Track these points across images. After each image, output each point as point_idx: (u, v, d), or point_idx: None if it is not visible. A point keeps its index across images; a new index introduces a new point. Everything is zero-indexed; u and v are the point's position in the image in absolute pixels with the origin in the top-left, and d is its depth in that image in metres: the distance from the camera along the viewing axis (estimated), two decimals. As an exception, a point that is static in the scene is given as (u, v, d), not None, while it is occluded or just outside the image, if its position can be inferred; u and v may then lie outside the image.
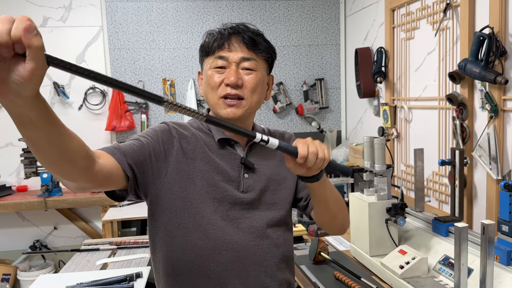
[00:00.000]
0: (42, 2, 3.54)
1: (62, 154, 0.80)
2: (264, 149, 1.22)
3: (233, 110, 1.12)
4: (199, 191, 1.11)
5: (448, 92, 2.32)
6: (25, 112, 0.68)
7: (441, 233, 1.75)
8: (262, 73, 1.16)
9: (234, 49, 1.12)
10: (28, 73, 0.62)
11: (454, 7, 2.24)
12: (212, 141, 1.17)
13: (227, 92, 1.11)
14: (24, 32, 0.59)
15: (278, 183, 1.22)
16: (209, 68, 1.14)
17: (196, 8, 3.70)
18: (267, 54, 1.17)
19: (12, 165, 3.59)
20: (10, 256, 3.63)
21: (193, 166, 1.12)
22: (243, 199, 1.15)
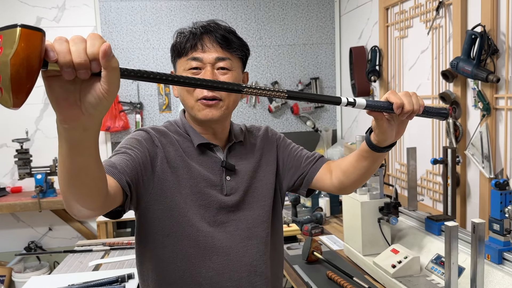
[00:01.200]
0: (35, 3, 3.52)
1: (97, 181, 0.78)
2: (243, 149, 1.22)
3: (212, 111, 1.10)
4: (185, 199, 1.10)
5: (441, 90, 2.32)
6: (88, 135, 0.66)
7: (434, 232, 1.75)
8: (237, 71, 1.15)
9: (208, 50, 1.10)
10: (106, 94, 0.61)
11: (447, 6, 2.24)
12: (190, 146, 1.15)
13: (204, 94, 1.09)
14: (103, 55, 0.59)
15: (258, 180, 1.22)
16: (183, 70, 1.12)
17: (190, 7, 3.69)
18: (241, 52, 1.15)
19: (6, 166, 3.57)
20: (5, 257, 3.61)
21: (176, 175, 1.10)
22: (228, 202, 1.15)
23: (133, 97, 3.68)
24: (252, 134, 1.29)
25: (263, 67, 3.83)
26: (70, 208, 0.80)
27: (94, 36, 0.60)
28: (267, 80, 3.83)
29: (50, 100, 0.63)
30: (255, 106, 3.85)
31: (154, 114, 3.73)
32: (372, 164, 1.11)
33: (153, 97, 3.71)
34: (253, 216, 1.19)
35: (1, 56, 0.55)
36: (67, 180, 0.73)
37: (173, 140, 1.14)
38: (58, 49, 0.58)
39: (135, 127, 3.66)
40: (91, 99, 0.61)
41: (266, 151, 1.27)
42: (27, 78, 0.56)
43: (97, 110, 0.63)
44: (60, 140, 0.68)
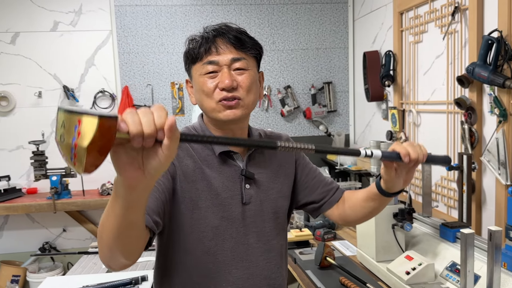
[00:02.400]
0: (52, 7, 3.58)
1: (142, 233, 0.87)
2: (261, 158, 1.21)
3: (233, 111, 1.10)
4: (205, 213, 1.10)
5: (456, 96, 2.30)
6: (145, 194, 0.74)
7: (449, 238, 1.73)
8: (253, 71, 1.14)
9: (223, 51, 1.09)
10: (166, 159, 0.68)
11: (463, 11, 2.23)
12: (210, 155, 1.14)
13: (224, 95, 1.08)
14: (170, 127, 0.66)
15: (276, 191, 1.22)
16: (200, 75, 1.11)
17: (205, 12, 3.72)
18: (255, 51, 1.15)
19: (22, 167, 3.63)
20: (20, 257, 3.66)
21: (195, 189, 1.10)
22: (247, 211, 1.15)
23: (147, 100, 3.71)
24: (273, 139, 1.29)
25: (276, 71, 3.83)
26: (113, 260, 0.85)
27: (160, 108, 0.67)
28: (280, 84, 3.84)
29: (115, 165, 0.69)
30: (267, 110, 3.86)
31: (167, 118, 3.75)
32: (380, 206, 1.17)
33: (167, 101, 3.74)
34: (271, 227, 1.19)
35: (78, 139, 0.61)
36: (117, 235, 0.78)
37: (190, 150, 1.13)
38: (130, 120, 0.65)
39: (149, 130, 3.69)
40: (153, 163, 0.68)
41: (285, 162, 1.27)
42: (100, 158, 0.63)
43: (157, 172, 0.70)
44: (115, 199, 0.74)
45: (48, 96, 3.62)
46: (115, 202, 0.75)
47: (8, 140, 3.61)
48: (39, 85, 3.60)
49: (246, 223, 1.14)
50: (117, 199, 0.74)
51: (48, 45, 3.59)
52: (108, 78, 3.68)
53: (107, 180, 3.58)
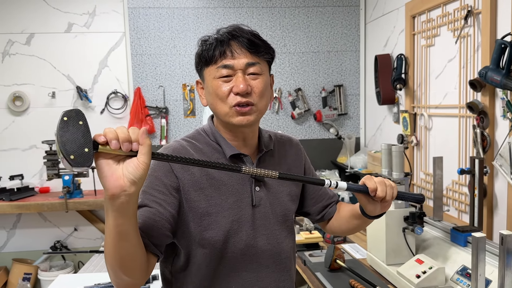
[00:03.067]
0: (67, 9, 3.63)
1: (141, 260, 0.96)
2: (271, 161, 1.22)
3: (246, 117, 1.10)
4: (215, 218, 1.10)
5: (468, 100, 2.29)
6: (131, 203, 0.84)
7: (460, 243, 1.73)
8: (266, 75, 1.14)
9: (238, 56, 1.09)
10: (142, 164, 0.82)
11: (476, 14, 2.22)
12: (220, 158, 1.14)
13: (238, 100, 1.08)
14: (142, 133, 0.83)
15: (285, 194, 1.22)
16: (213, 78, 1.10)
17: (217, 15, 3.74)
18: (269, 55, 1.14)
19: (36, 166, 3.68)
20: (32, 256, 3.71)
21: (204, 195, 1.10)
22: (257, 213, 1.15)
23: (159, 102, 3.74)
24: (283, 144, 1.29)
25: (287, 74, 3.84)
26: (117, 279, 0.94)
27: (134, 127, 0.84)
28: (291, 86, 3.85)
29: (100, 178, 0.82)
30: (278, 113, 3.87)
31: (179, 119, 3.79)
32: (363, 224, 1.24)
33: (178, 102, 3.77)
34: (280, 230, 1.20)
35: None
36: (112, 250, 0.89)
37: (196, 157, 1.09)
38: (107, 131, 0.82)
39: (160, 131, 3.72)
40: (130, 169, 0.82)
41: (294, 167, 1.28)
42: None
43: (135, 177, 0.82)
44: (106, 215, 0.85)
45: (61, 96, 3.67)
46: (107, 217, 0.86)
47: (22, 140, 3.66)
48: (53, 86, 3.65)
49: (256, 225, 1.14)
50: (107, 213, 0.85)
51: (62, 46, 3.64)
52: (121, 79, 3.72)
53: (118, 180, 3.61)
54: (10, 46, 3.60)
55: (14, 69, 3.61)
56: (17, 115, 3.65)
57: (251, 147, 1.19)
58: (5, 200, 3.34)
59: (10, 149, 3.67)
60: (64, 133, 0.79)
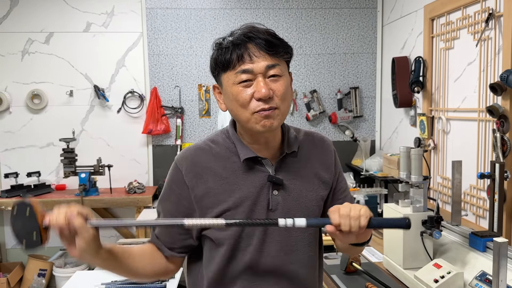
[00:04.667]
0: (85, 8, 3.68)
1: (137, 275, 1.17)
2: (295, 164, 1.17)
3: (270, 121, 1.05)
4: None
5: (488, 103, 2.27)
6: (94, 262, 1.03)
7: (478, 248, 1.70)
8: (286, 75, 1.09)
9: (256, 59, 1.03)
10: (81, 246, 0.97)
11: (497, 17, 2.19)
12: (237, 161, 1.12)
13: (261, 107, 1.04)
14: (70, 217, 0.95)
15: (310, 200, 1.16)
16: (233, 84, 1.05)
17: (233, 16, 3.75)
18: (287, 55, 1.09)
19: (53, 164, 3.73)
20: (47, 252, 3.75)
21: (218, 201, 1.09)
22: (272, 218, 1.10)
23: (174, 101, 3.76)
24: (313, 143, 1.23)
25: (302, 75, 3.84)
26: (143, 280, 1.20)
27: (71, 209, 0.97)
28: (306, 88, 3.84)
29: None
30: (292, 114, 3.86)
31: (194, 119, 3.80)
32: (350, 251, 1.22)
33: (193, 102, 3.79)
34: (298, 238, 1.14)
35: None
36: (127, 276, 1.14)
37: (209, 163, 1.12)
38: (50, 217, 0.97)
39: (176, 131, 3.74)
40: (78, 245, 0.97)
41: (322, 169, 1.21)
42: None
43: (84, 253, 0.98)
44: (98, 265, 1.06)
45: (79, 95, 3.72)
46: None
47: (40, 137, 3.72)
48: (71, 84, 3.70)
49: (269, 231, 1.11)
50: None
51: (81, 46, 3.69)
52: (138, 79, 3.75)
53: (133, 179, 3.65)
54: (30, 45, 3.65)
55: (33, 67, 3.67)
56: (35, 113, 3.70)
57: (273, 149, 1.15)
58: (22, 197, 3.38)
59: (28, 146, 3.72)
60: (15, 223, 0.98)
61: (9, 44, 3.64)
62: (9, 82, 3.66)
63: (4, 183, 3.65)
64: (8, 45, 3.64)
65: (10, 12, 3.62)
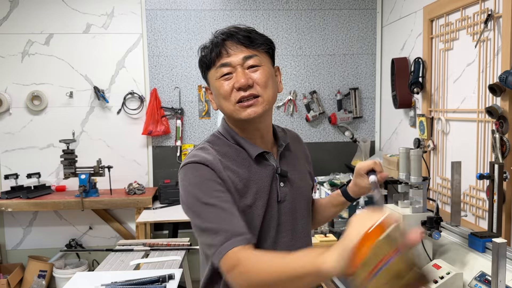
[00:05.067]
0: (85, 10, 3.68)
1: None
2: (290, 156, 1.25)
3: (253, 109, 1.09)
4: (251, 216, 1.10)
5: (487, 104, 2.27)
6: None
7: (478, 248, 1.71)
8: (267, 66, 1.13)
9: (233, 53, 1.09)
10: None
11: (496, 18, 2.20)
12: (246, 158, 1.14)
13: (241, 95, 1.08)
14: None
15: (306, 188, 1.26)
16: (216, 79, 1.11)
17: (233, 17, 3.76)
18: (266, 46, 1.13)
19: (53, 165, 3.73)
20: (47, 253, 3.76)
21: (240, 197, 1.10)
22: (282, 209, 1.16)
23: (174, 103, 3.77)
24: (294, 139, 1.32)
25: (302, 76, 3.84)
26: None
27: None
28: (306, 89, 3.85)
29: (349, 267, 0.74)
30: (292, 115, 3.87)
31: (194, 120, 3.81)
32: (340, 210, 1.39)
33: (193, 104, 3.80)
34: (303, 225, 1.21)
35: None
36: None
37: (224, 162, 1.11)
38: None
39: (176, 132, 3.75)
40: None
41: (306, 161, 1.33)
42: None
43: None
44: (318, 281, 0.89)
45: (79, 96, 3.72)
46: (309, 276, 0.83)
47: (40, 138, 3.72)
48: (71, 86, 3.71)
49: (281, 221, 1.15)
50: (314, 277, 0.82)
51: (81, 47, 3.70)
52: (138, 80, 3.75)
53: (133, 180, 3.65)
54: (30, 46, 3.66)
55: (33, 69, 3.67)
56: (35, 114, 3.70)
57: (268, 143, 1.21)
58: (22, 198, 3.39)
59: (28, 148, 3.72)
60: None
61: (9, 45, 3.65)
62: (9, 83, 3.67)
63: (4, 184, 3.65)
64: (8, 46, 3.65)
65: (10, 14, 3.62)
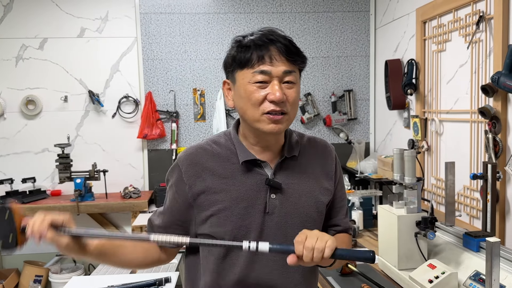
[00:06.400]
0: (80, 14, 3.68)
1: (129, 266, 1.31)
2: (296, 166, 1.17)
3: (278, 126, 1.08)
4: (224, 222, 1.10)
5: (480, 105, 2.29)
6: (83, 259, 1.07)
7: (472, 248, 1.72)
8: (299, 84, 1.12)
9: (276, 63, 1.06)
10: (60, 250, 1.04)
11: (488, 20, 2.22)
12: (236, 163, 1.13)
13: (272, 108, 1.06)
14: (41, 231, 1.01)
15: (310, 205, 1.16)
16: (248, 82, 1.07)
17: (227, 20, 3.77)
18: (304, 64, 1.13)
19: (48, 170, 3.72)
20: (43, 258, 3.74)
21: (214, 200, 1.11)
22: (268, 222, 1.12)
23: (169, 106, 3.77)
24: (315, 149, 1.23)
25: (297, 78, 3.85)
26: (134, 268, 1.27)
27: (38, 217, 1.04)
28: (301, 91, 3.85)
29: None
30: (288, 117, 3.87)
31: (189, 123, 3.81)
32: None
33: (188, 107, 3.80)
34: None
35: None
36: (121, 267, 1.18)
37: (209, 163, 1.13)
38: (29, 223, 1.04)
39: (171, 135, 3.75)
40: None
41: (323, 175, 1.21)
42: None
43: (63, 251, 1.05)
44: None
45: (73, 100, 3.71)
46: None
47: (34, 143, 3.71)
48: (65, 90, 3.70)
49: (264, 234, 1.11)
50: None
51: (75, 51, 3.69)
52: (132, 83, 3.75)
53: (129, 184, 3.65)
54: (24, 50, 3.65)
55: (27, 73, 3.67)
56: (30, 118, 3.69)
57: (274, 152, 1.16)
58: (17, 203, 3.36)
59: (23, 152, 3.71)
60: None
61: (3, 50, 3.63)
62: (3, 88, 3.66)
63: (-1, 190, 3.64)
64: (2, 51, 3.64)
65: (3, 18, 3.62)
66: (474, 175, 1.83)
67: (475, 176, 1.83)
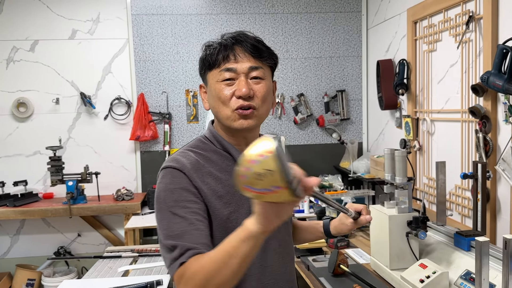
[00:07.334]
0: (71, 16, 3.66)
1: None
2: None
3: (247, 121, 1.10)
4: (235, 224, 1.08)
5: (471, 104, 2.30)
6: None
7: (463, 247, 1.73)
8: (269, 80, 1.15)
9: (241, 60, 1.10)
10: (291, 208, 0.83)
11: (477, 20, 2.23)
12: (230, 165, 1.14)
13: (240, 104, 1.09)
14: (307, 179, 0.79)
15: None
16: (216, 81, 1.11)
17: (219, 21, 3.77)
18: (271, 60, 1.15)
19: (39, 172, 3.69)
20: (35, 261, 3.72)
21: (223, 203, 1.10)
22: None
23: (162, 107, 3.76)
24: None
25: (289, 79, 3.86)
26: None
27: None
28: (293, 92, 3.87)
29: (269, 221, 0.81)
30: (280, 118, 3.88)
31: (182, 125, 3.80)
32: (313, 240, 1.45)
33: (181, 108, 3.79)
34: (287, 231, 1.23)
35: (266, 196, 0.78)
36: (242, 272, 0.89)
37: (207, 167, 1.12)
38: None
39: (164, 137, 3.74)
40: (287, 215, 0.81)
41: None
42: None
43: None
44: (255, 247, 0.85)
45: (65, 102, 3.69)
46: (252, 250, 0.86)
47: (26, 146, 3.68)
48: (57, 92, 3.68)
49: None
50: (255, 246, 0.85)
51: (66, 53, 3.67)
52: (125, 85, 3.74)
53: (122, 186, 3.63)
54: (15, 53, 3.63)
55: (19, 75, 3.64)
56: (21, 121, 3.67)
57: None
58: (9, 206, 3.35)
59: (14, 155, 3.69)
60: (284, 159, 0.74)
61: (-6, 52, 3.61)
62: (-6, 90, 3.63)
63: (-10, 193, 3.61)
64: (-7, 53, 3.61)
65: (-6, 20, 3.60)
66: (465, 175, 1.83)
67: (465, 175, 1.83)
